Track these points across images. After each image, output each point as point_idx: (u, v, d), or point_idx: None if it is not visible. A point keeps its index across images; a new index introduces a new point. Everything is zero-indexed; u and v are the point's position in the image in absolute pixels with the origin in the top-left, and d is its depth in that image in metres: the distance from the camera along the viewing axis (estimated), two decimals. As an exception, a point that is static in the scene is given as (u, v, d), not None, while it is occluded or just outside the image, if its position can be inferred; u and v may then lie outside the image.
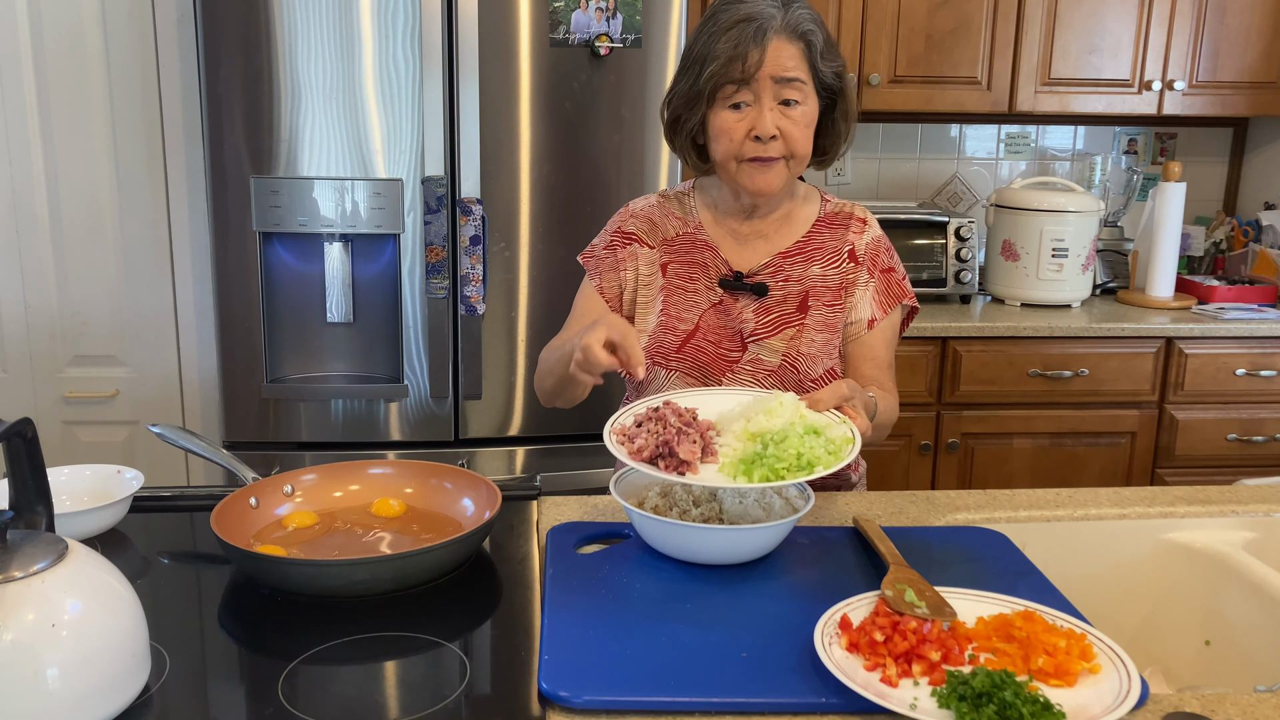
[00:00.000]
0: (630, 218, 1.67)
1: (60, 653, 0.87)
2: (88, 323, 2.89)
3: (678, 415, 1.26)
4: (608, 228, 1.69)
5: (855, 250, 1.64)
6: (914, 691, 0.98)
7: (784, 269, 1.61)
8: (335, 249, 2.42)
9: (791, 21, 1.48)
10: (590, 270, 1.67)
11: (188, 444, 1.43)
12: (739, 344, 1.60)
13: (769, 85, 1.48)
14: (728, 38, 1.47)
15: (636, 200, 1.70)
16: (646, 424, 1.27)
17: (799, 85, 1.49)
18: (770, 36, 1.47)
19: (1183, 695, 1.02)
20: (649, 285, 1.63)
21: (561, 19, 2.36)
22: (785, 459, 1.18)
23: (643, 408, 1.31)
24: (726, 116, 1.51)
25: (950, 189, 3.44)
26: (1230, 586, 1.41)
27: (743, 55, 1.46)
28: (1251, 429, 2.94)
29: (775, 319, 1.60)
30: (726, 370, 1.59)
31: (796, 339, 1.59)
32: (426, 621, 1.13)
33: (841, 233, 1.64)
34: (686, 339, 1.59)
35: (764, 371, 1.59)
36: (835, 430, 1.24)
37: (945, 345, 2.82)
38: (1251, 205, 3.43)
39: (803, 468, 1.18)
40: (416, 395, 2.48)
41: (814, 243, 1.63)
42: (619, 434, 1.28)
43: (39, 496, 1.01)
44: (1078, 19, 2.97)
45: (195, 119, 2.76)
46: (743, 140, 1.50)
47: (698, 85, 1.50)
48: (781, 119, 1.50)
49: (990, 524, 1.44)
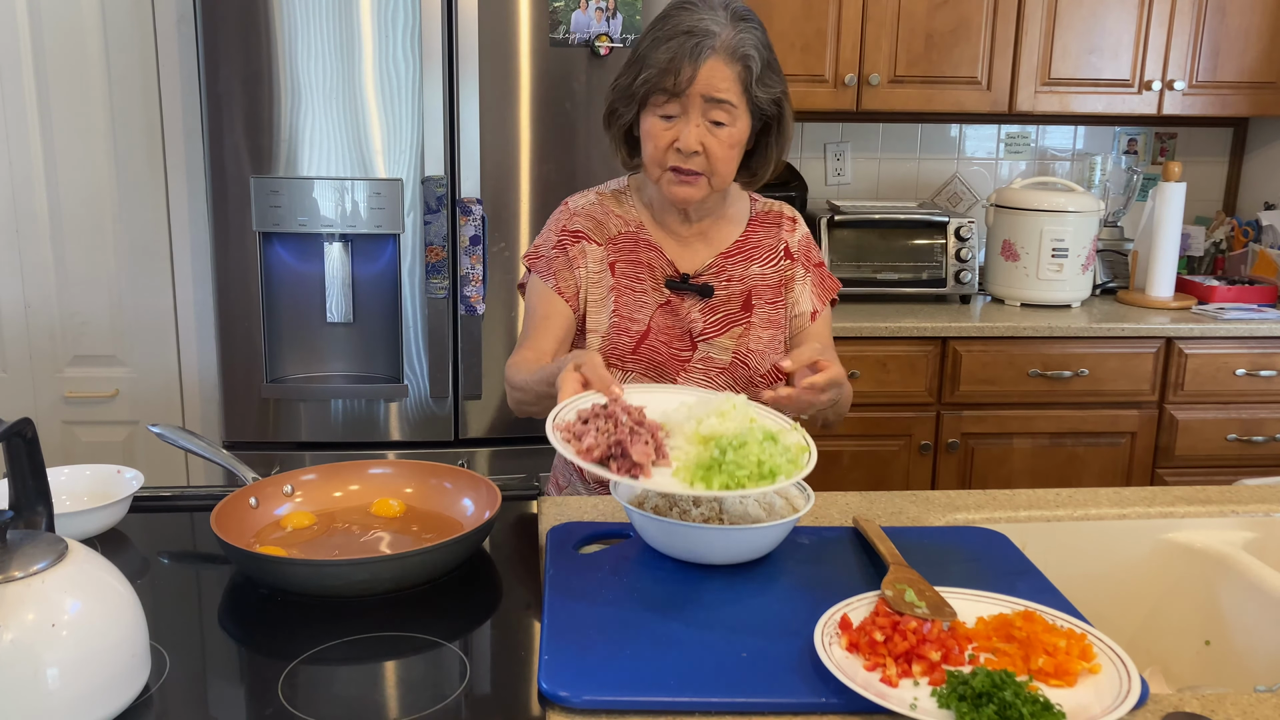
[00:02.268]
0: (574, 216, 1.66)
1: (60, 653, 0.87)
2: (88, 323, 2.89)
3: (629, 414, 1.19)
4: (551, 227, 1.68)
5: (790, 248, 1.70)
6: (914, 691, 0.98)
7: (726, 269, 1.65)
8: (335, 249, 2.42)
9: (733, 43, 1.48)
10: (541, 271, 1.65)
11: (188, 444, 1.43)
12: (689, 343, 1.63)
13: (698, 102, 1.49)
14: (667, 48, 1.48)
15: (574, 198, 1.69)
16: (594, 421, 1.19)
17: (728, 108, 1.50)
18: (706, 55, 1.47)
19: (1183, 695, 1.02)
20: (598, 283, 1.63)
21: (561, 19, 2.36)
22: (746, 466, 1.13)
23: (587, 403, 1.24)
24: (655, 123, 1.52)
25: (950, 189, 3.44)
26: (1230, 586, 1.41)
27: (675, 69, 1.47)
28: (1251, 429, 2.94)
29: (722, 318, 1.64)
30: (680, 369, 1.62)
31: (745, 337, 1.64)
32: (426, 621, 1.13)
33: (775, 231, 1.70)
34: (641, 339, 1.62)
35: (715, 369, 1.63)
36: (789, 437, 1.21)
37: (945, 345, 2.82)
38: (1251, 205, 3.43)
39: (764, 476, 1.13)
40: (416, 395, 2.48)
41: (751, 241, 1.68)
42: (564, 430, 1.19)
43: (39, 496, 1.01)
44: (1078, 19, 2.97)
45: (195, 119, 2.76)
46: (666, 149, 1.52)
47: (633, 86, 1.52)
48: (707, 136, 1.50)
49: (990, 524, 1.44)
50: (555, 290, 1.63)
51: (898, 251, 3.02)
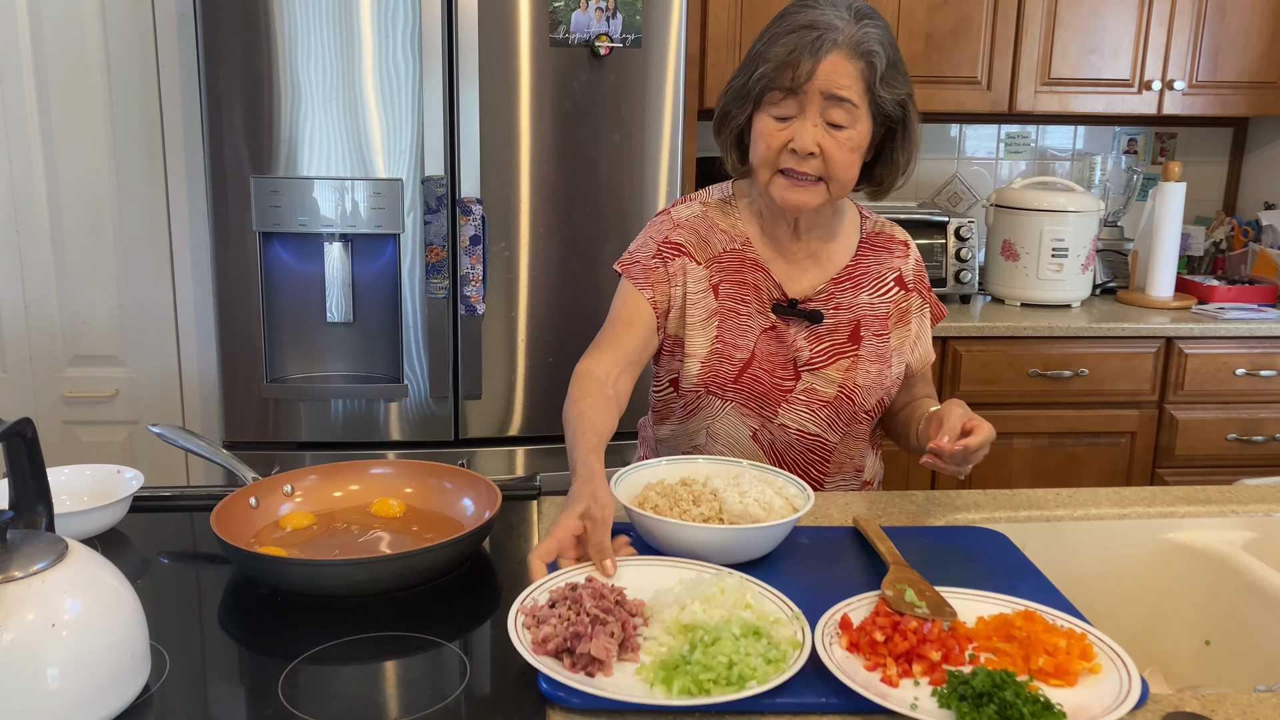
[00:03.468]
0: (677, 227, 1.56)
1: (60, 653, 0.87)
2: (88, 323, 2.89)
3: (603, 596, 1.05)
4: (651, 235, 1.58)
5: (903, 277, 1.61)
6: (914, 691, 0.98)
7: (835, 296, 1.56)
8: (335, 249, 2.42)
9: (856, 38, 1.39)
10: (637, 280, 1.55)
11: (188, 444, 1.43)
12: (793, 372, 1.54)
13: (817, 100, 1.40)
14: (785, 42, 1.40)
15: (679, 207, 1.60)
16: (560, 606, 1.05)
17: (849, 107, 1.41)
18: (827, 49, 1.38)
19: (1183, 695, 1.02)
20: (698, 305, 1.54)
21: (561, 19, 2.36)
22: (713, 668, 0.96)
23: (561, 582, 1.11)
24: (769, 123, 1.44)
25: (950, 189, 3.44)
26: (1230, 586, 1.41)
27: (794, 64, 1.39)
28: (1251, 429, 2.94)
29: (828, 348, 1.55)
30: (782, 400, 1.54)
31: (852, 370, 1.55)
32: (426, 621, 1.13)
33: (885, 257, 1.61)
34: (744, 368, 1.53)
35: (819, 402, 1.55)
36: (781, 630, 1.04)
37: (945, 345, 2.82)
38: (1251, 205, 3.43)
39: (732, 682, 0.95)
40: (416, 395, 2.48)
41: (861, 267, 1.58)
42: (526, 615, 1.05)
43: (39, 496, 1.01)
44: (1078, 19, 2.97)
45: (195, 119, 2.76)
46: (779, 150, 1.43)
47: (748, 85, 1.44)
48: (825, 137, 1.41)
49: (990, 524, 1.44)
50: (650, 300, 1.53)
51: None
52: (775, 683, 0.95)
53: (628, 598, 1.08)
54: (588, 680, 0.97)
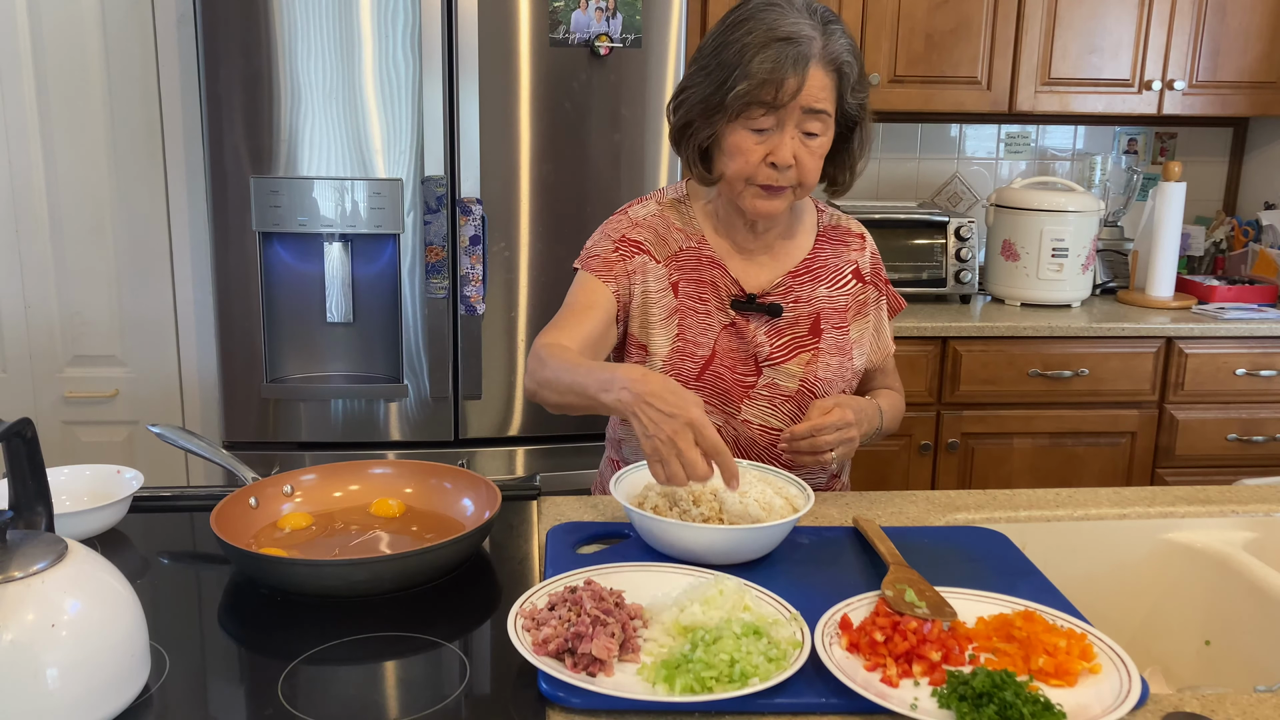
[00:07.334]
0: (635, 226, 1.57)
1: (60, 653, 0.87)
2: (88, 323, 2.90)
3: (596, 601, 1.06)
4: (609, 234, 1.57)
5: (860, 269, 1.62)
6: (914, 692, 0.98)
7: (794, 289, 1.57)
8: (335, 249, 2.42)
9: (831, 50, 1.40)
10: (597, 271, 1.54)
11: (188, 444, 1.43)
12: (754, 368, 1.55)
13: (796, 114, 1.40)
14: (765, 56, 1.37)
15: (635, 207, 1.60)
16: (560, 608, 1.06)
17: (824, 118, 1.42)
18: (810, 65, 1.38)
19: (1183, 695, 1.02)
20: (658, 304, 1.54)
21: (561, 19, 2.36)
22: (715, 666, 0.97)
23: (560, 585, 1.12)
24: (746, 137, 1.42)
25: (950, 189, 3.44)
26: (1230, 586, 1.41)
27: (779, 81, 1.37)
28: (1251, 429, 2.94)
29: (789, 341, 1.56)
30: (744, 396, 1.54)
31: (813, 363, 1.56)
32: (426, 621, 1.13)
33: (842, 250, 1.63)
34: (705, 365, 1.53)
35: (781, 397, 1.55)
36: (782, 630, 1.05)
37: (945, 345, 2.82)
38: (1251, 205, 3.43)
39: (735, 679, 0.97)
40: (416, 395, 2.48)
41: (818, 261, 1.60)
42: (526, 618, 1.06)
43: (39, 496, 1.01)
44: (1078, 19, 2.97)
45: (195, 119, 2.76)
46: (758, 165, 1.43)
47: (720, 98, 1.41)
48: (800, 148, 1.43)
49: (990, 524, 1.44)
50: (613, 291, 1.52)
51: (898, 251, 3.02)
52: (778, 679, 0.96)
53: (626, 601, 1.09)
54: (589, 680, 0.98)
